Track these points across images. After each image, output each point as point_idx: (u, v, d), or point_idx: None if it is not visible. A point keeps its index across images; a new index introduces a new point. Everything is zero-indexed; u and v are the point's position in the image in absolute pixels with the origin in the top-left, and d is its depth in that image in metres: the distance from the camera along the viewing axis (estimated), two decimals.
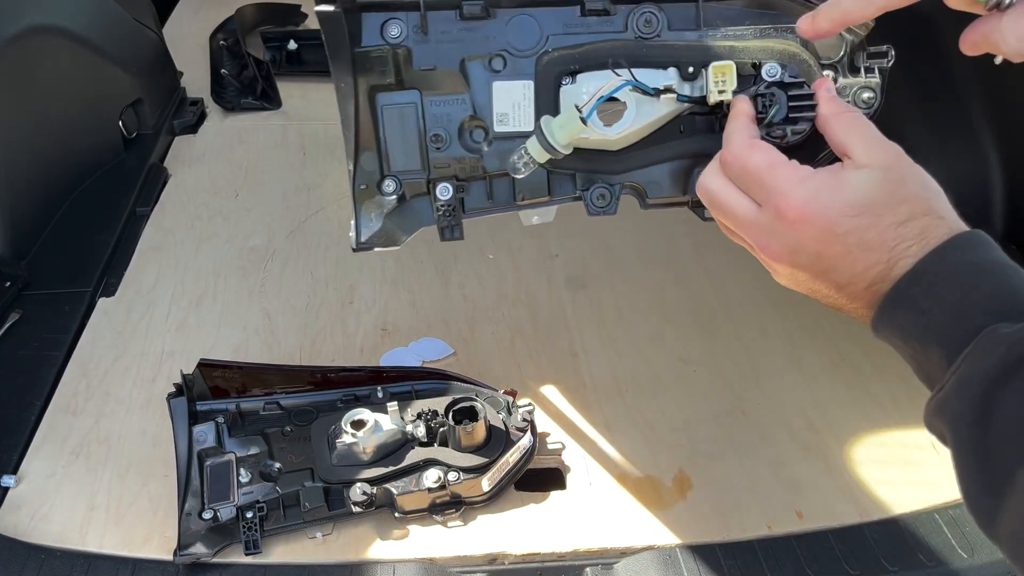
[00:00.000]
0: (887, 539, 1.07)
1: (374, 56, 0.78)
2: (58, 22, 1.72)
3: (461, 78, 0.79)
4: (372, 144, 0.80)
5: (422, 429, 1.09)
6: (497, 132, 0.80)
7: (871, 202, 0.61)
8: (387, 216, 0.82)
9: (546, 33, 0.79)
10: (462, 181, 0.82)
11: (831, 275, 0.63)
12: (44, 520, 1.09)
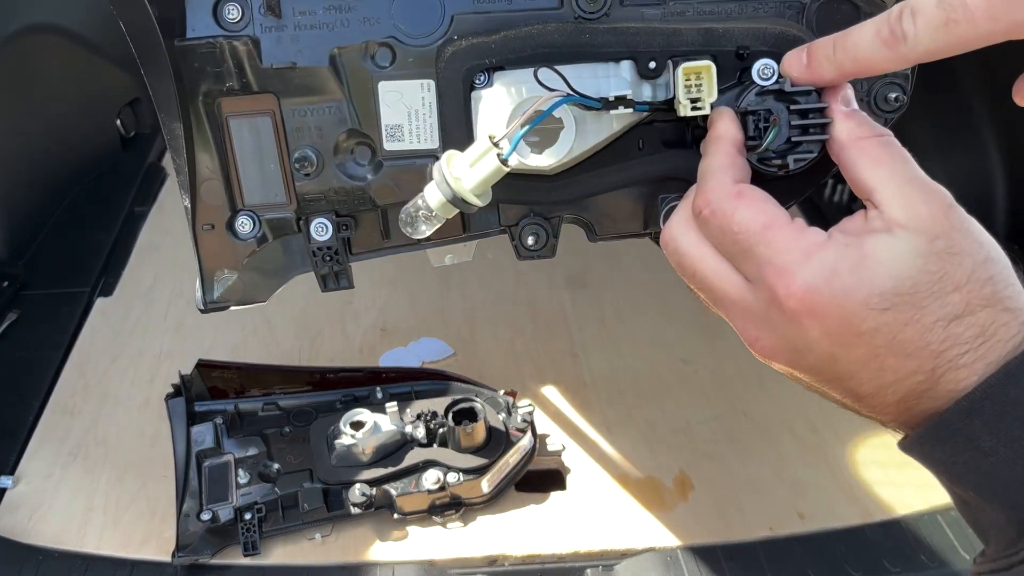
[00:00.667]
0: (889, 540, 1.07)
1: (204, 51, 0.56)
2: (55, 20, 1.71)
3: (333, 77, 0.57)
4: (216, 171, 0.59)
5: (421, 430, 1.09)
6: (388, 151, 0.59)
7: (911, 288, 0.43)
8: (244, 265, 0.62)
9: (449, 11, 0.56)
10: (345, 216, 0.62)
11: (847, 383, 0.47)
12: (42, 521, 1.09)
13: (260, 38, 0.56)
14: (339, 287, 0.66)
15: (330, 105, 0.58)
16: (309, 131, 0.58)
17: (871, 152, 0.48)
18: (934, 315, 0.43)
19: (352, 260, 0.66)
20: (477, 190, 0.52)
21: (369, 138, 0.59)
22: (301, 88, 0.58)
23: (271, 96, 0.57)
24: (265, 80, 0.57)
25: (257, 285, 0.64)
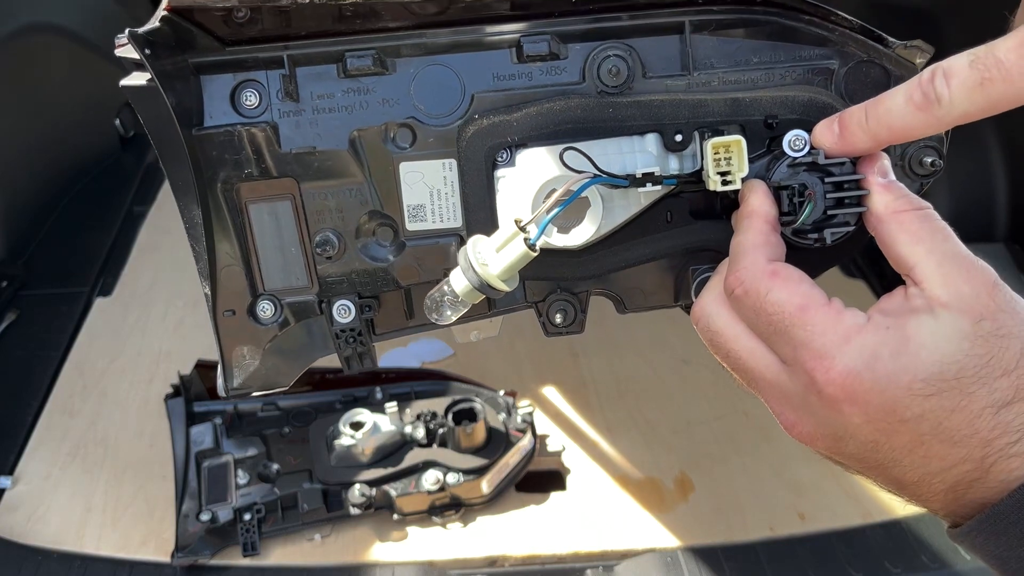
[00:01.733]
0: (890, 541, 1.06)
1: (222, 139, 0.54)
2: (55, 20, 1.71)
3: (353, 160, 0.55)
4: (236, 256, 0.57)
5: (421, 430, 1.09)
6: (411, 231, 0.57)
7: (956, 372, 0.41)
8: (266, 350, 0.59)
9: (469, 91, 0.55)
10: (368, 298, 0.58)
11: (891, 471, 0.45)
12: (40, 522, 1.08)
13: (278, 124, 0.55)
14: (363, 368, 0.61)
15: (351, 187, 0.56)
16: (330, 213, 0.57)
17: (910, 227, 0.46)
18: (982, 401, 0.41)
19: (375, 340, 0.60)
20: (504, 275, 0.50)
21: (391, 219, 0.57)
22: (321, 171, 0.56)
23: (291, 180, 0.56)
24: (284, 165, 0.56)
25: (279, 369, 0.61)
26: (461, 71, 0.55)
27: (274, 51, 0.53)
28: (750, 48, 0.55)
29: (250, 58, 0.54)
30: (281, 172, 0.56)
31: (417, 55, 0.55)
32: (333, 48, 0.54)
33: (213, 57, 0.54)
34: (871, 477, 0.47)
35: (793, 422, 0.46)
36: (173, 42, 0.52)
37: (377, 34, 0.54)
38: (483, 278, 0.49)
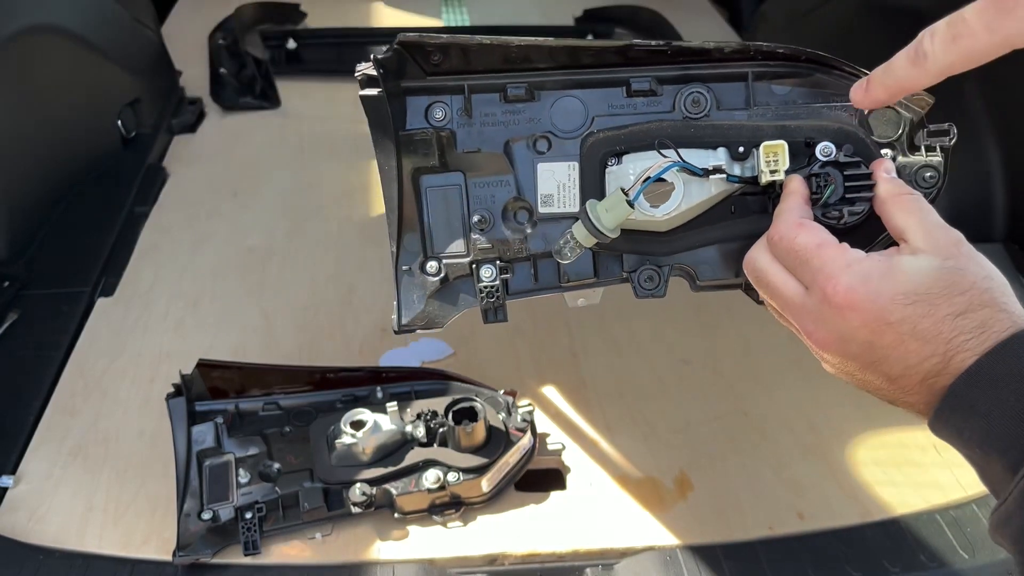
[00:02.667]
0: (889, 540, 1.07)
1: (418, 139, 0.77)
2: (56, 21, 1.71)
3: (505, 160, 0.78)
4: (415, 226, 0.78)
5: (422, 429, 1.09)
6: (542, 213, 0.78)
7: (926, 291, 0.57)
8: (429, 298, 0.80)
9: (591, 114, 0.77)
10: (506, 262, 0.79)
11: (882, 366, 0.59)
12: (42, 521, 1.09)
13: (456, 131, 0.78)
14: (497, 320, 0.82)
15: (501, 180, 0.78)
16: (485, 198, 0.79)
17: (904, 205, 0.64)
18: (944, 311, 0.56)
19: (508, 299, 0.81)
20: (610, 224, 0.70)
21: (528, 204, 0.78)
22: (482, 167, 0.78)
23: (460, 173, 0.79)
24: (457, 161, 0.78)
25: (437, 315, 0.81)
26: (587, 100, 0.77)
27: (458, 82, 0.77)
28: (796, 91, 0.75)
29: (441, 85, 0.77)
30: (454, 167, 0.78)
31: (556, 88, 0.77)
32: (498, 81, 0.77)
33: (417, 83, 0.77)
34: (870, 376, 0.61)
35: (812, 331, 0.62)
36: (395, 68, 0.75)
37: (529, 72, 0.77)
38: (596, 225, 0.70)
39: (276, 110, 2.11)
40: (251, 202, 1.76)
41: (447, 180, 0.78)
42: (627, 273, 0.79)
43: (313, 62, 2.36)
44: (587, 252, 0.75)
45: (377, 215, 1.74)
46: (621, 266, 0.79)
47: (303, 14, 2.60)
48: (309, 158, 1.93)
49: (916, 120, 0.74)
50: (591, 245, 0.72)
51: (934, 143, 0.75)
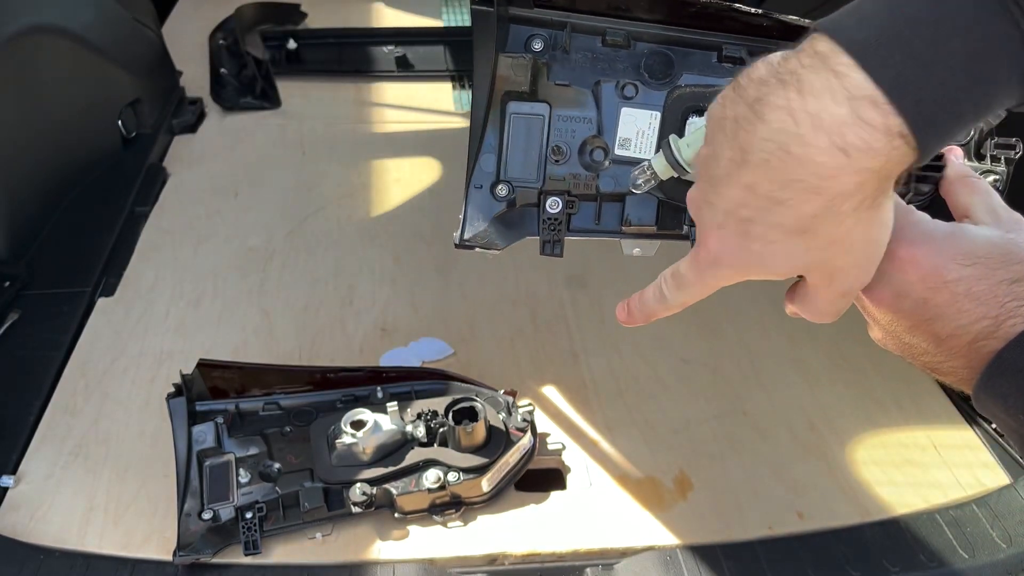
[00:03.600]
0: (888, 540, 1.07)
1: (514, 63, 0.79)
2: (57, 21, 1.72)
3: (591, 98, 0.80)
4: (495, 147, 0.82)
5: (422, 429, 1.09)
6: (617, 155, 0.80)
7: (985, 255, 0.58)
8: (493, 219, 0.82)
9: (681, 70, 0.79)
10: (573, 197, 0.81)
11: (933, 325, 0.59)
12: (43, 520, 1.09)
13: (551, 63, 0.80)
14: (554, 254, 0.82)
15: (585, 115, 0.80)
16: (565, 132, 0.81)
17: (970, 186, 0.66)
18: (1000, 276, 0.57)
19: (568, 235, 0.82)
20: (689, 158, 0.69)
21: (606, 144, 0.80)
22: (569, 102, 0.80)
23: (546, 104, 0.81)
24: (546, 92, 0.81)
25: (498, 236, 0.82)
26: (678, 57, 0.79)
27: (563, 18, 0.80)
28: None
29: (546, 18, 0.80)
30: (542, 97, 0.81)
31: (652, 41, 0.79)
32: (599, 24, 0.79)
33: (524, 12, 0.79)
34: (918, 337, 0.61)
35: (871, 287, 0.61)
36: None
37: (630, 21, 0.79)
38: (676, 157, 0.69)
39: (277, 110, 2.12)
40: (251, 202, 1.76)
41: (533, 108, 0.81)
42: (687, 227, 0.79)
43: (314, 62, 2.36)
44: (652, 201, 0.79)
45: (377, 215, 1.74)
46: (683, 220, 0.80)
47: (304, 14, 2.61)
48: (310, 158, 1.93)
49: (986, 129, 0.75)
50: (667, 178, 0.72)
51: (999, 154, 0.75)
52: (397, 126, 2.10)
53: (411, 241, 1.65)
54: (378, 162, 1.93)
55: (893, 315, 0.61)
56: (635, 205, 0.80)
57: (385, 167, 1.91)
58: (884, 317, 0.63)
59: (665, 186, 0.73)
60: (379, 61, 2.38)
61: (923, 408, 1.26)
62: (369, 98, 2.22)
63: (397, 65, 2.34)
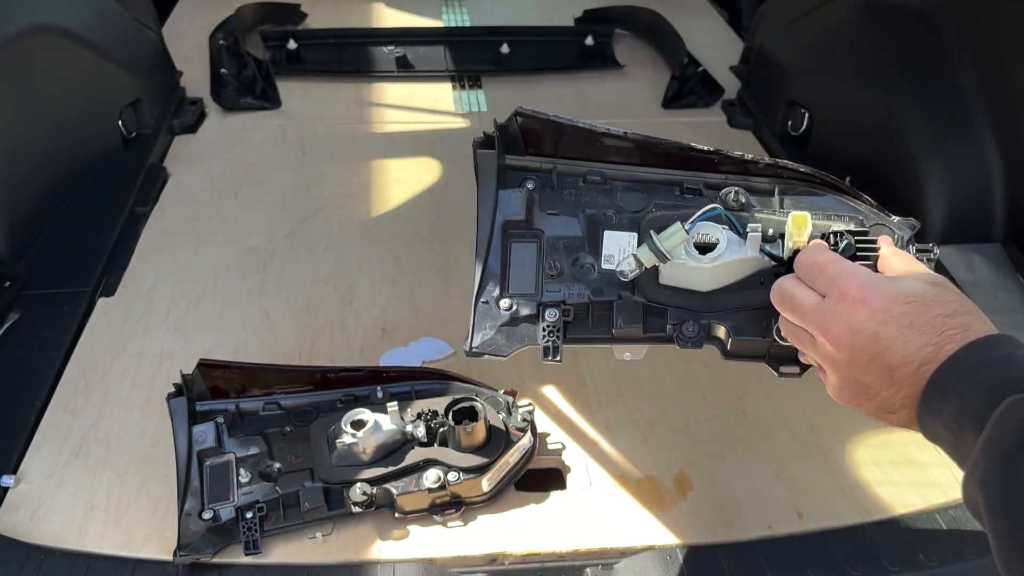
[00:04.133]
0: (888, 539, 1.07)
1: (512, 198, 0.94)
2: (57, 22, 1.72)
3: (579, 224, 0.94)
4: (498, 268, 0.93)
5: (422, 429, 1.09)
6: (604, 269, 0.92)
7: (921, 295, 0.69)
8: (498, 329, 0.92)
9: (652, 201, 0.94)
10: (568, 306, 0.91)
11: (885, 356, 0.68)
12: (43, 520, 1.09)
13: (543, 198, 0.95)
14: (554, 360, 0.92)
15: (574, 238, 0.94)
16: (558, 252, 0.93)
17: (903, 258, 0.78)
18: (936, 311, 0.68)
19: (564, 343, 0.92)
20: (668, 247, 0.84)
21: (593, 261, 0.93)
22: (560, 227, 0.94)
23: (540, 230, 0.95)
24: (540, 220, 0.95)
25: (503, 344, 0.94)
26: (648, 191, 0.95)
27: (550, 164, 0.97)
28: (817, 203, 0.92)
29: (535, 165, 0.97)
30: (537, 224, 0.95)
31: (626, 179, 0.96)
32: (580, 168, 0.97)
33: (517, 159, 0.97)
34: (872, 372, 0.70)
35: (828, 329, 0.72)
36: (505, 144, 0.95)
37: (605, 164, 0.97)
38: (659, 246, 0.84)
39: (277, 110, 2.12)
40: (252, 202, 1.76)
41: (530, 235, 0.94)
42: (671, 325, 0.90)
43: (314, 62, 2.36)
44: (638, 307, 0.90)
45: (377, 215, 1.75)
46: (666, 322, 0.90)
47: (304, 14, 2.61)
48: (310, 158, 1.93)
49: (907, 238, 0.89)
50: (650, 265, 0.86)
51: (921, 257, 0.85)
52: (397, 126, 2.10)
53: (411, 241, 1.66)
54: (378, 162, 1.93)
55: (850, 353, 0.70)
56: (622, 311, 0.91)
57: (385, 167, 1.91)
58: (842, 357, 0.71)
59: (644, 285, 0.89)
60: (379, 61, 2.38)
61: None
62: (369, 98, 2.22)
63: (397, 65, 2.34)
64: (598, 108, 2.18)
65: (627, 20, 2.59)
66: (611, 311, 0.91)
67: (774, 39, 2.11)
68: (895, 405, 0.69)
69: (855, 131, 1.81)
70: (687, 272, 0.87)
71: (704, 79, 2.27)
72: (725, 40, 2.59)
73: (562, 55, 2.44)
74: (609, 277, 0.91)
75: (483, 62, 2.39)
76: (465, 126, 2.10)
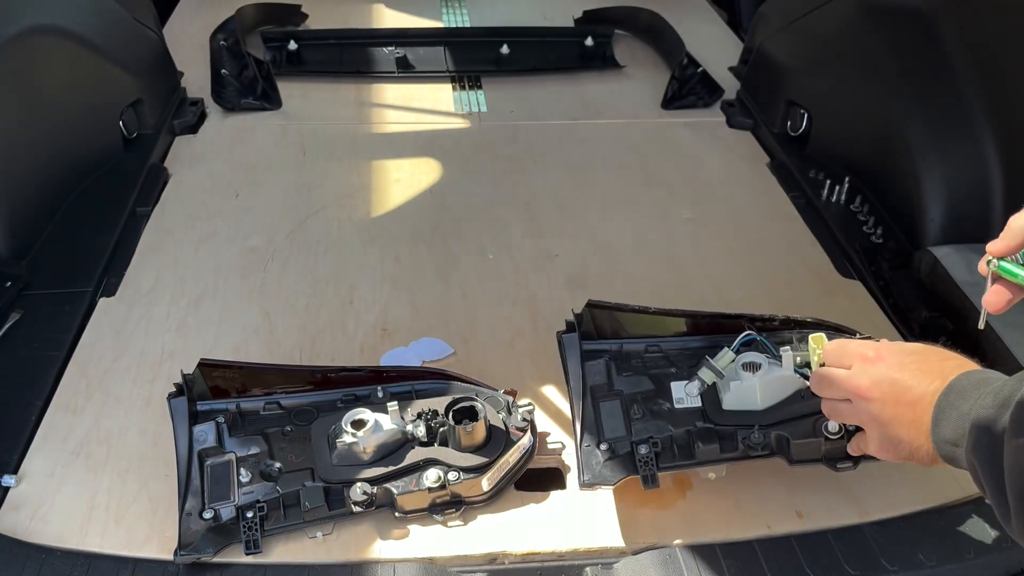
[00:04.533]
0: (887, 539, 1.07)
1: (595, 367, 1.15)
2: (58, 22, 1.72)
3: (648, 380, 1.16)
4: (592, 420, 1.11)
5: (422, 429, 1.09)
6: (676, 408, 1.12)
7: (922, 350, 0.90)
8: (603, 464, 1.07)
9: (697, 358, 1.13)
10: (656, 440, 1.07)
11: (906, 395, 0.86)
12: (44, 520, 1.09)
13: (616, 364, 1.18)
14: (654, 486, 1.07)
15: (648, 391, 1.16)
16: (637, 403, 1.14)
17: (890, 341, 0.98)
18: (936, 358, 0.88)
19: (659, 471, 1.08)
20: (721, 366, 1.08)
21: (667, 404, 1.14)
22: (635, 384, 1.16)
23: (620, 390, 1.15)
24: (618, 382, 1.16)
25: (608, 476, 1.07)
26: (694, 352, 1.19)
27: (617, 344, 1.21)
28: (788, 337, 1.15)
29: (604, 348, 1.20)
30: (617, 386, 1.17)
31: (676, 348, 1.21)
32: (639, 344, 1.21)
33: (591, 344, 1.20)
34: (899, 410, 0.87)
35: (858, 384, 0.90)
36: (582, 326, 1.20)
37: (659, 338, 1.21)
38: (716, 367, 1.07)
39: (277, 111, 2.12)
40: (252, 202, 1.77)
41: (615, 393, 1.14)
42: (741, 440, 1.07)
43: (314, 63, 2.37)
44: (712, 432, 1.08)
45: (378, 215, 1.75)
46: (737, 442, 1.07)
47: (304, 15, 2.61)
48: (310, 159, 1.94)
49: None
50: (711, 382, 1.08)
51: None
52: (397, 126, 2.10)
53: (411, 241, 1.66)
54: (378, 162, 1.94)
55: (880, 399, 0.88)
56: (700, 437, 1.08)
57: (385, 167, 1.92)
58: (874, 406, 0.89)
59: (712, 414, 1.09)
60: (379, 62, 2.39)
61: None
62: (369, 99, 2.22)
63: (397, 66, 2.34)
64: (598, 109, 2.18)
65: (627, 21, 2.60)
66: (689, 436, 1.08)
67: (773, 39, 2.11)
68: (919, 438, 0.85)
69: (854, 131, 1.82)
70: (743, 392, 1.07)
71: (703, 79, 2.28)
72: (724, 40, 2.59)
73: (562, 56, 2.44)
74: (682, 415, 1.11)
75: (483, 63, 2.39)
76: (465, 126, 2.11)
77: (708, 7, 2.84)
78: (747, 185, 1.89)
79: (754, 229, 1.72)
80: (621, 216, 1.75)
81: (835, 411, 0.96)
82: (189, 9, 2.66)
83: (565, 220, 1.73)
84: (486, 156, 1.96)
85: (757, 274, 1.58)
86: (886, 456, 0.91)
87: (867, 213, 1.72)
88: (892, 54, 1.71)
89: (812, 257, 1.64)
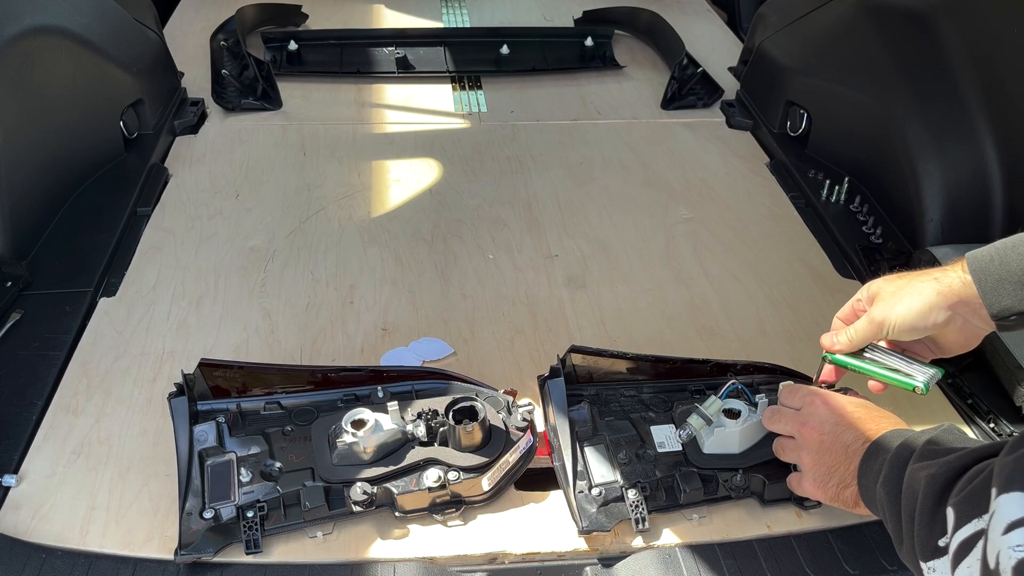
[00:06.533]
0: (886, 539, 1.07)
1: (577, 416, 1.18)
2: (59, 22, 1.72)
3: (630, 425, 1.19)
4: (583, 463, 1.13)
5: (422, 429, 1.10)
6: (659, 452, 1.15)
7: (864, 403, 1.02)
8: (598, 510, 1.08)
9: (673, 401, 1.23)
10: (644, 483, 1.10)
11: (843, 438, 0.97)
12: (45, 520, 1.09)
13: (598, 409, 1.22)
14: (645, 530, 1.08)
15: (631, 435, 1.18)
16: (621, 447, 1.17)
17: None
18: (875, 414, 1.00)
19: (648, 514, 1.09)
20: (710, 412, 1.12)
21: (650, 448, 1.17)
22: (618, 430, 1.20)
23: (604, 434, 1.18)
24: (601, 426, 1.19)
25: (604, 520, 1.08)
26: (669, 395, 1.27)
27: (596, 388, 1.26)
28: None
29: (584, 392, 1.24)
30: (600, 430, 1.19)
31: (650, 392, 1.26)
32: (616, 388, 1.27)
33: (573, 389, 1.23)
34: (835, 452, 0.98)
35: (803, 422, 1.02)
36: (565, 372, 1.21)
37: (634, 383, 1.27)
38: (705, 413, 1.12)
39: (277, 111, 2.12)
40: (253, 203, 1.77)
41: (600, 439, 1.16)
42: (723, 482, 1.11)
43: (314, 63, 2.37)
44: (694, 474, 1.11)
45: (378, 215, 1.75)
46: (718, 485, 1.11)
47: (304, 15, 2.61)
48: (310, 159, 1.94)
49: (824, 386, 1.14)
50: (700, 428, 1.12)
51: None
52: (397, 127, 2.11)
53: (411, 241, 1.66)
54: (378, 162, 1.94)
55: (819, 439, 0.99)
56: (685, 480, 1.10)
57: (385, 167, 1.92)
58: (813, 445, 1.00)
59: (694, 457, 1.13)
60: (379, 62, 2.39)
61: (922, 408, 1.26)
62: (369, 99, 2.22)
63: (397, 66, 2.35)
64: (597, 109, 2.19)
65: (626, 21, 2.60)
66: (674, 480, 1.11)
67: (773, 40, 2.11)
68: (847, 479, 0.95)
69: (854, 131, 1.82)
70: (724, 437, 1.12)
71: (703, 80, 2.28)
72: (724, 41, 2.59)
73: (562, 56, 2.45)
74: (665, 458, 1.14)
75: (483, 63, 2.39)
76: (465, 126, 2.11)
77: (708, 7, 2.84)
78: (747, 185, 1.89)
79: (754, 229, 1.72)
80: (621, 216, 1.75)
81: (780, 447, 1.06)
82: (189, 9, 2.66)
83: (565, 220, 1.73)
84: (486, 156, 1.96)
85: (757, 274, 1.58)
86: (817, 493, 1.00)
87: (867, 213, 1.72)
88: (891, 54, 1.71)
89: (811, 257, 1.64)
